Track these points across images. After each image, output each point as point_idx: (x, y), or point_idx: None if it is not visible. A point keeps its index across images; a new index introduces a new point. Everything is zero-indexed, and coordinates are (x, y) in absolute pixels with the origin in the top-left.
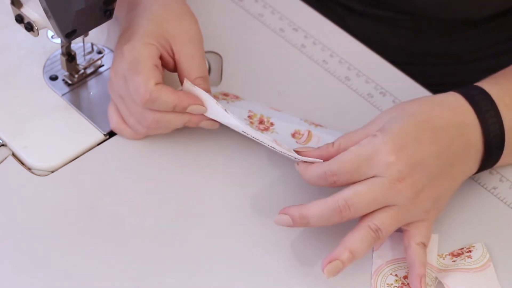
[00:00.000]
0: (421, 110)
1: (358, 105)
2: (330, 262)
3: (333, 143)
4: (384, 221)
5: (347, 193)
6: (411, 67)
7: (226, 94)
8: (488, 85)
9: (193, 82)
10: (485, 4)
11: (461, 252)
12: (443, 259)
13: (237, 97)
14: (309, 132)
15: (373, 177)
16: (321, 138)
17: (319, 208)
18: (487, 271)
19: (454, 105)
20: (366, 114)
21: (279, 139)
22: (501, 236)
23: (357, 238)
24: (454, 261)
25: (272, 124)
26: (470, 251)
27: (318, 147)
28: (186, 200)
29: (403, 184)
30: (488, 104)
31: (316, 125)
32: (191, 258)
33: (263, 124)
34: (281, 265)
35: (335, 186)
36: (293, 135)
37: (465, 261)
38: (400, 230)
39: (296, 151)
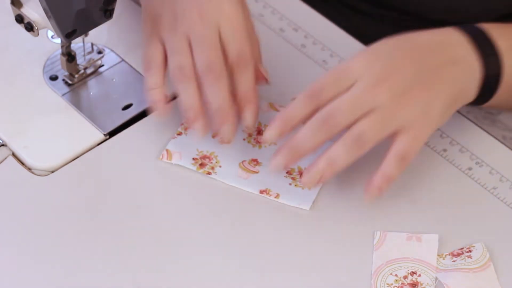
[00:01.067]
0: (406, 34)
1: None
2: (308, 172)
3: None
4: (364, 127)
5: (329, 105)
6: None
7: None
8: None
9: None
10: (492, 7)
11: (461, 252)
12: (443, 259)
13: None
14: None
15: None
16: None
17: (306, 129)
18: (487, 271)
19: (440, 32)
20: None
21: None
22: (501, 236)
23: (336, 147)
24: (454, 261)
25: None
26: (470, 251)
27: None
28: (187, 200)
29: (381, 86)
30: (477, 30)
31: None
32: (191, 258)
33: (261, 135)
34: (281, 266)
35: (320, 104)
36: None
37: (465, 261)
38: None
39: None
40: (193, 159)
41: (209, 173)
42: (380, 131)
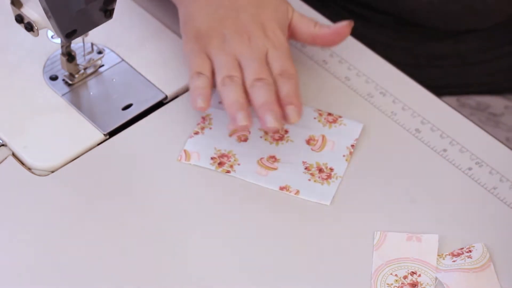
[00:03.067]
0: None
1: (358, 105)
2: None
3: None
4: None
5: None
6: (416, 69)
7: None
8: None
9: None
10: (488, 16)
11: (461, 252)
12: (443, 259)
13: None
14: (323, 137)
15: None
16: (335, 143)
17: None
18: (487, 271)
19: None
20: (366, 114)
21: (294, 146)
22: (501, 236)
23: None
24: (454, 261)
25: (286, 132)
26: (470, 251)
27: None
28: (187, 200)
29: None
30: None
31: (331, 122)
32: (192, 258)
33: (278, 133)
34: (281, 265)
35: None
36: (308, 142)
37: (465, 261)
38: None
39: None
40: (212, 158)
41: (228, 172)
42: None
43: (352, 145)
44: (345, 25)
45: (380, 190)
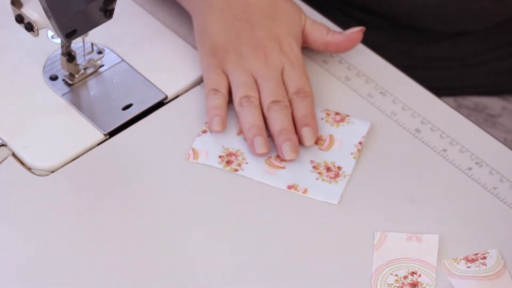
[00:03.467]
0: None
1: (358, 105)
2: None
3: None
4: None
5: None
6: (415, 71)
7: None
8: None
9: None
10: (484, 18)
11: (475, 258)
12: (458, 263)
13: None
14: (331, 136)
15: None
16: (343, 141)
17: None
18: (502, 278)
19: None
20: (366, 114)
21: (302, 146)
22: (500, 236)
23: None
24: (468, 267)
25: None
26: (484, 258)
27: None
28: (187, 200)
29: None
30: None
31: (338, 121)
32: (192, 258)
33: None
34: (281, 265)
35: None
36: (316, 142)
37: (479, 268)
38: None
39: None
40: (220, 157)
41: (236, 170)
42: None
43: (360, 142)
44: (357, 31)
45: (380, 190)
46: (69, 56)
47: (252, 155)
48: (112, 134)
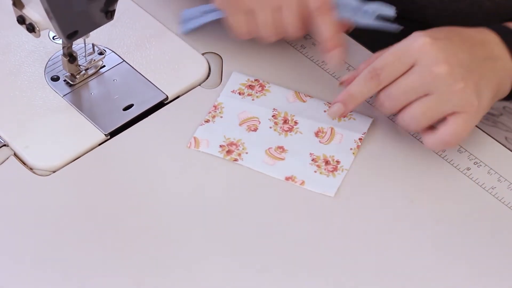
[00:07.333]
0: (449, 27)
1: (358, 106)
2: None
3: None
4: (417, 110)
5: (391, 86)
6: None
7: (251, 86)
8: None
9: None
10: (496, 13)
11: None
12: None
13: (262, 87)
14: (332, 129)
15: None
16: (344, 136)
17: (357, 82)
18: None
19: (478, 29)
20: (365, 114)
21: (302, 138)
22: (499, 236)
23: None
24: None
25: (296, 123)
26: None
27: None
28: (187, 200)
29: (439, 69)
30: (506, 30)
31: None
32: (192, 258)
33: (287, 124)
34: (281, 264)
35: (379, 85)
36: (317, 134)
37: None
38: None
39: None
40: (220, 146)
41: (235, 160)
42: (432, 116)
43: (360, 139)
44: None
45: (379, 190)
46: (71, 57)
47: (253, 146)
48: (113, 134)
